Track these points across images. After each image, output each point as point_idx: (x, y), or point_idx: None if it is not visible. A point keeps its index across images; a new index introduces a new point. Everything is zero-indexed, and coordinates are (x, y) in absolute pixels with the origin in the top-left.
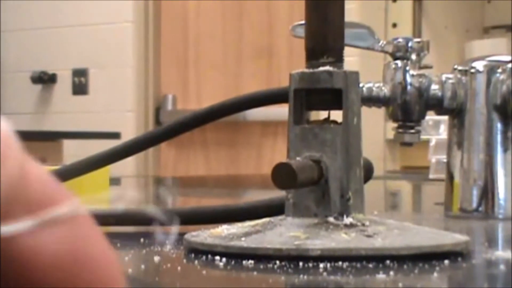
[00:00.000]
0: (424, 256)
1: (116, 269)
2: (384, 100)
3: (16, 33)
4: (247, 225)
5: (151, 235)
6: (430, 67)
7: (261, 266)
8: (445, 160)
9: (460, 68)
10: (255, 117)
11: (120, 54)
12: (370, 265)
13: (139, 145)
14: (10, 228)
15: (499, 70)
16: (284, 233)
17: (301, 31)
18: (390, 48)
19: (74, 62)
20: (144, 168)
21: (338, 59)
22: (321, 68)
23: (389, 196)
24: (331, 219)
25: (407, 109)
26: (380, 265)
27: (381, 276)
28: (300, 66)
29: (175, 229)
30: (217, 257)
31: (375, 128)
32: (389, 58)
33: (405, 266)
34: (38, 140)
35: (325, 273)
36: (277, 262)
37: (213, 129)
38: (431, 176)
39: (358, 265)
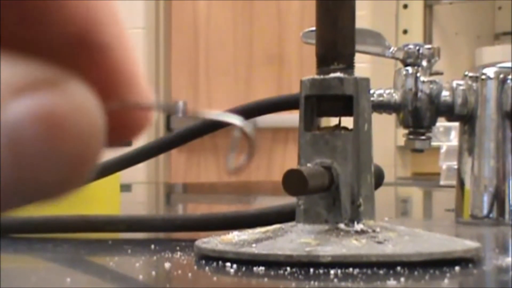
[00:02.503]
0: (435, 262)
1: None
2: (395, 107)
3: None
4: (258, 231)
5: (162, 241)
6: (441, 74)
7: (272, 273)
8: (455, 167)
9: (471, 74)
10: (266, 123)
11: None
12: (381, 272)
13: (149, 152)
14: None
15: (510, 77)
16: (295, 239)
17: (312, 38)
18: (401, 55)
19: None
20: (155, 174)
21: (349, 66)
22: (332, 75)
23: (399, 203)
24: (341, 225)
25: (418, 116)
26: (391, 272)
27: (391, 282)
28: (310, 73)
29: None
30: (228, 264)
31: (385, 135)
32: (400, 65)
33: (415, 273)
34: None
35: (336, 280)
36: (288, 268)
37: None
38: (441, 182)
39: (369, 271)
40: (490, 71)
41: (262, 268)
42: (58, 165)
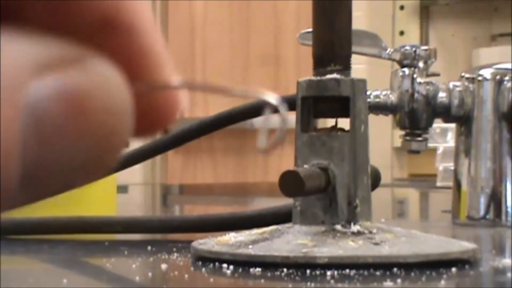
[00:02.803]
0: (432, 264)
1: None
2: (392, 108)
3: None
4: (255, 232)
5: (158, 243)
6: (438, 75)
7: (269, 274)
8: (452, 168)
9: (467, 75)
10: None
11: None
12: (378, 273)
13: (146, 153)
14: None
15: (507, 78)
16: (292, 240)
17: (308, 39)
18: (397, 56)
19: None
20: (151, 175)
21: (346, 67)
22: (329, 76)
23: (396, 204)
24: (338, 226)
25: (414, 117)
26: (388, 273)
27: (388, 284)
28: (307, 74)
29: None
30: (225, 265)
31: (382, 136)
32: (397, 66)
33: (412, 274)
34: None
35: (332, 281)
36: (285, 270)
37: (220, 136)
38: (438, 184)
39: (366, 272)
40: (486, 73)
41: (258, 269)
42: (84, 145)
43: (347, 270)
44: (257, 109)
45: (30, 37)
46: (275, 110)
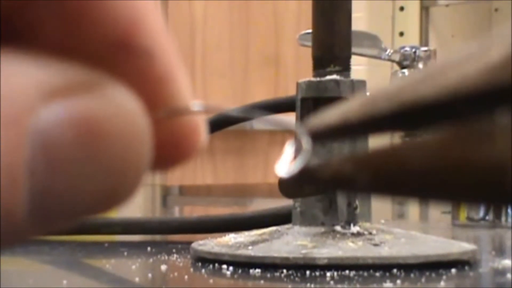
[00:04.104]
0: (431, 265)
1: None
2: None
3: None
4: (254, 233)
5: (158, 244)
6: None
7: (268, 275)
8: None
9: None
10: (262, 126)
11: None
12: (377, 274)
13: None
14: None
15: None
16: (291, 242)
17: (308, 40)
18: (397, 57)
19: None
20: (151, 176)
21: (345, 68)
22: (328, 77)
23: (396, 205)
24: (338, 227)
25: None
26: (387, 274)
27: (388, 285)
28: (307, 75)
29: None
30: (224, 266)
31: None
32: (396, 67)
33: (412, 275)
34: None
35: (332, 282)
36: (284, 271)
37: (220, 137)
38: None
39: (365, 273)
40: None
41: (258, 270)
42: (97, 174)
43: (347, 271)
44: (257, 110)
45: (40, 60)
46: (297, 141)
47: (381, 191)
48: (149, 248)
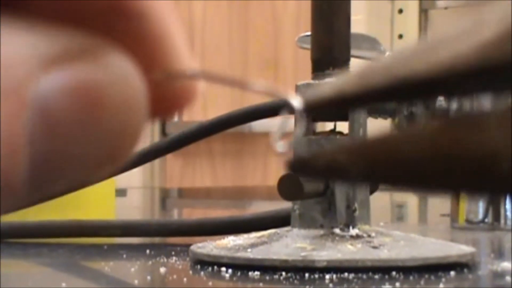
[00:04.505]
0: (430, 267)
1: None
2: (390, 112)
3: None
4: (253, 236)
5: (157, 246)
6: None
7: (267, 278)
8: None
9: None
10: (261, 128)
11: None
12: (376, 277)
13: (145, 156)
14: None
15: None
16: (290, 244)
17: (307, 43)
18: None
19: None
20: (150, 179)
21: (344, 71)
22: (327, 80)
23: (395, 208)
24: (337, 230)
25: (413, 121)
26: (386, 277)
27: (387, 287)
28: (306, 78)
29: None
30: (223, 269)
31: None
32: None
33: (411, 278)
34: None
35: (331, 285)
36: (283, 273)
37: (219, 140)
38: None
39: (364, 276)
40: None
41: (257, 273)
42: (95, 140)
43: (346, 274)
44: (256, 112)
45: (37, 28)
46: (292, 111)
47: (374, 180)
48: (148, 251)
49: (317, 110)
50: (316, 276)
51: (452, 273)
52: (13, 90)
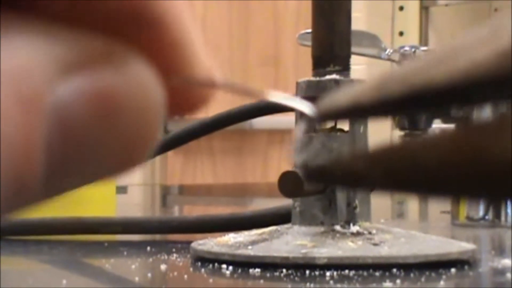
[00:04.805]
0: (431, 264)
1: None
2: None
3: None
4: (254, 233)
5: (158, 243)
6: None
7: (268, 275)
8: None
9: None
10: (261, 125)
11: None
12: (377, 274)
13: None
14: None
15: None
16: (291, 241)
17: (308, 40)
18: (396, 57)
19: None
20: (150, 176)
21: (345, 68)
22: (328, 77)
23: (395, 205)
24: (337, 227)
25: (413, 118)
26: (387, 274)
27: (387, 284)
28: (306, 75)
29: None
30: (224, 266)
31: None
32: (396, 67)
33: (411, 275)
34: None
35: (331, 282)
36: (284, 270)
37: (219, 137)
38: None
39: (365, 273)
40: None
41: (258, 270)
42: (111, 145)
43: (347, 271)
44: (256, 109)
45: (54, 33)
46: (308, 119)
47: (392, 188)
48: (148, 248)
49: (332, 120)
50: (317, 273)
51: (453, 270)
52: (30, 98)
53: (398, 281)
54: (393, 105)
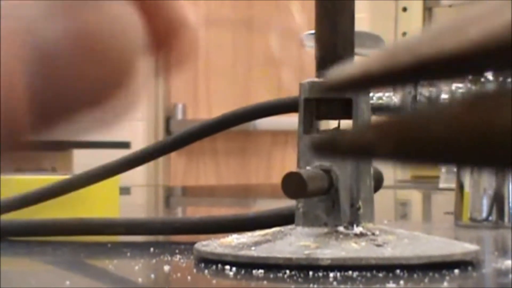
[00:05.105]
0: (434, 265)
1: None
2: (394, 110)
3: None
4: (257, 234)
5: (161, 244)
6: None
7: (271, 276)
8: (455, 170)
9: (470, 77)
10: (265, 126)
11: None
12: (380, 275)
13: (149, 155)
14: None
15: (509, 79)
16: (294, 242)
17: (311, 40)
18: None
19: None
20: (154, 177)
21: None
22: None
23: (399, 206)
24: (341, 228)
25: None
26: (390, 275)
27: (391, 285)
28: (309, 76)
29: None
30: (227, 267)
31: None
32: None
33: (415, 276)
34: (48, 150)
35: (335, 283)
36: (287, 271)
37: (223, 138)
38: (441, 185)
39: (368, 274)
40: (489, 73)
41: (261, 271)
42: (92, 73)
43: (350, 272)
44: (259, 110)
45: None
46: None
47: (401, 158)
48: (152, 249)
49: (344, 90)
50: (320, 274)
51: (456, 271)
52: (14, 30)
53: (401, 282)
54: (403, 74)
